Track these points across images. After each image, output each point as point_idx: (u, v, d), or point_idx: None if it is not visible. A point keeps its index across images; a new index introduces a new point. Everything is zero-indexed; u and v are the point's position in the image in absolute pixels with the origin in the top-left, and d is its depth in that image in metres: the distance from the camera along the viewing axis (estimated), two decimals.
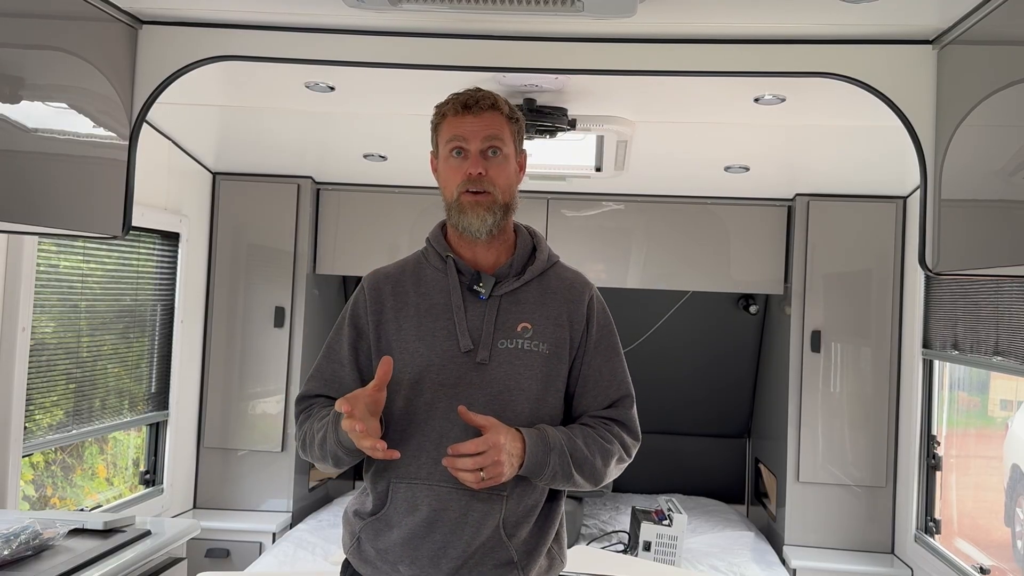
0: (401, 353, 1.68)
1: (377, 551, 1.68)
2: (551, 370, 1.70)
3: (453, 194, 1.69)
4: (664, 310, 4.45)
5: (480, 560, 1.63)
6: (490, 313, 1.70)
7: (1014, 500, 3.61)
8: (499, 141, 1.69)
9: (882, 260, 3.76)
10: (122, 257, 3.36)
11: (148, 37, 2.28)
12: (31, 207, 1.97)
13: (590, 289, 1.80)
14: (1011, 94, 1.82)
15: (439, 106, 1.75)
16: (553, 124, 2.82)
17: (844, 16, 2.05)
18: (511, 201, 1.72)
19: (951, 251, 2.07)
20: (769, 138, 3.26)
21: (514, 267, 1.74)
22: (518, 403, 1.66)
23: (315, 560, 3.44)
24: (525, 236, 1.79)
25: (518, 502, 1.67)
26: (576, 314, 1.75)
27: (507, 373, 1.67)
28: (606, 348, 1.77)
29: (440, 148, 1.73)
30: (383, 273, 1.79)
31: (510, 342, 1.68)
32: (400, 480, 1.67)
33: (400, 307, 1.72)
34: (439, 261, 1.75)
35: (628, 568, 2.92)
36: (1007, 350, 2.78)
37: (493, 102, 1.71)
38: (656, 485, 4.67)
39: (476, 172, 1.66)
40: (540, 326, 1.71)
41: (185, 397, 3.83)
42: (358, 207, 4.08)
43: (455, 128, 1.69)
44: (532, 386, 1.68)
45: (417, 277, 1.76)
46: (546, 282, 1.76)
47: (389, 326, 1.72)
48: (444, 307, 1.71)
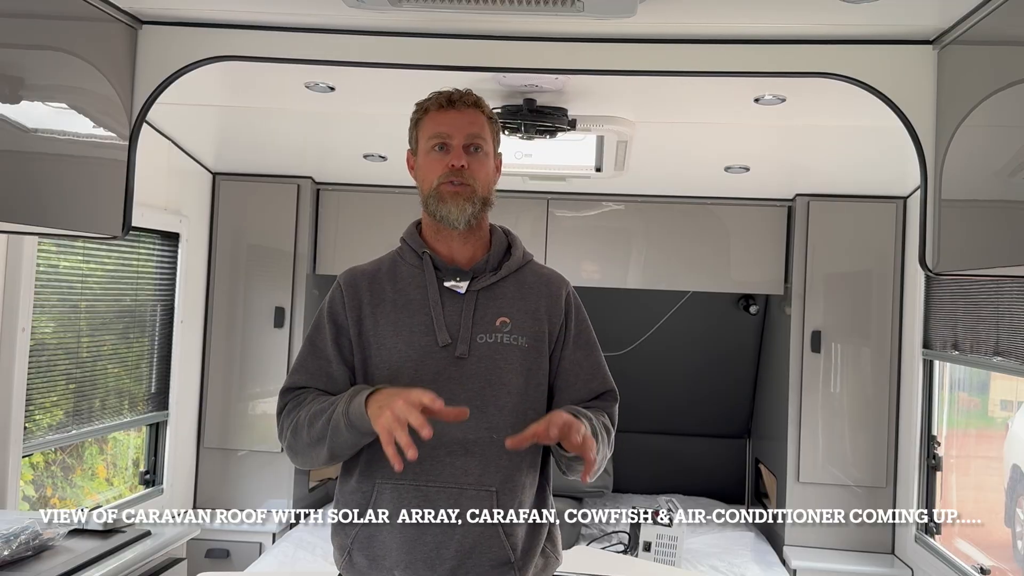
0: (378, 349, 1.68)
1: (369, 559, 1.65)
2: (531, 364, 1.70)
3: (432, 183, 1.70)
4: (664, 310, 4.44)
5: (477, 560, 1.62)
6: (467, 308, 1.70)
7: (1014, 500, 3.61)
8: (480, 139, 1.72)
9: (882, 260, 3.76)
10: (122, 257, 3.36)
11: (148, 37, 2.28)
12: (31, 207, 1.97)
13: (567, 285, 1.81)
14: (1011, 94, 1.81)
15: (420, 103, 1.77)
16: (553, 124, 2.81)
17: (844, 16, 2.05)
18: (489, 196, 1.74)
19: (951, 251, 2.07)
20: (769, 138, 3.26)
21: (490, 262, 1.75)
22: (501, 398, 1.66)
23: (315, 560, 3.44)
24: (500, 234, 1.81)
25: (510, 497, 1.65)
26: (554, 308, 1.75)
27: (488, 368, 1.66)
28: (586, 343, 1.78)
29: (420, 144, 1.75)
30: (359, 270, 1.79)
31: (489, 336, 1.68)
32: (386, 481, 1.64)
33: (377, 303, 1.72)
34: (415, 258, 1.75)
35: (628, 568, 2.92)
36: (1007, 350, 2.78)
37: (475, 100, 1.74)
38: (656, 485, 4.67)
39: (459, 164, 1.68)
40: (518, 320, 1.71)
41: (185, 397, 3.83)
42: (358, 207, 4.08)
43: (438, 124, 1.71)
44: (514, 380, 1.68)
45: (393, 274, 1.75)
46: (522, 277, 1.77)
47: (367, 322, 1.71)
48: (421, 302, 1.70)
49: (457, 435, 1.62)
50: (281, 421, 1.71)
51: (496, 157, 1.79)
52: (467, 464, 1.63)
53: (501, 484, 1.65)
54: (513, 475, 1.66)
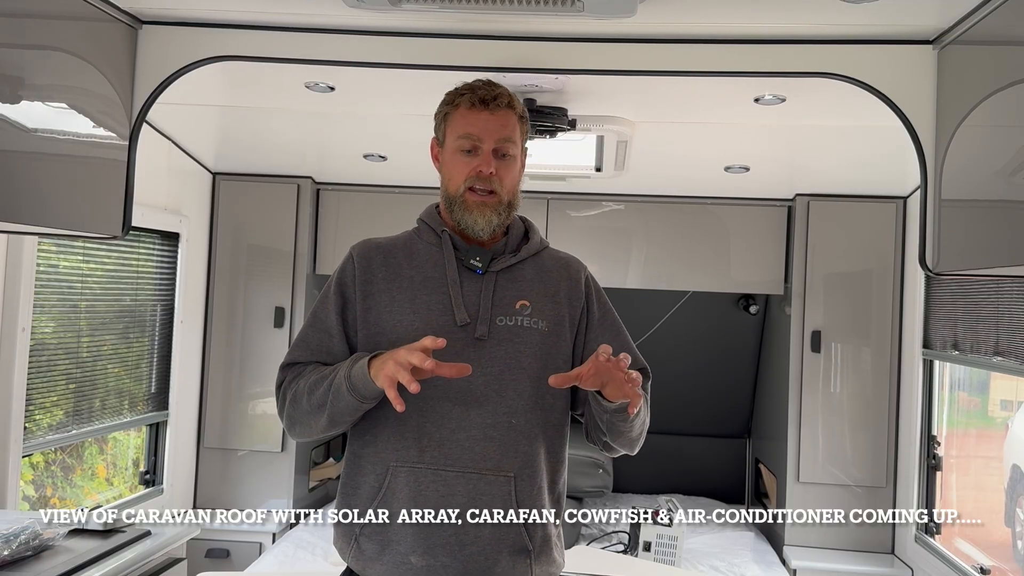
0: (395, 326, 1.64)
1: (381, 545, 1.62)
2: (550, 348, 1.68)
3: (459, 188, 1.67)
4: (664, 310, 4.44)
5: (496, 547, 1.60)
6: (487, 288, 1.67)
7: (1014, 500, 3.61)
8: (511, 144, 1.69)
9: (882, 260, 3.76)
10: (122, 257, 3.36)
11: (148, 37, 2.28)
12: (31, 207, 1.97)
13: (584, 268, 1.80)
14: (1011, 94, 1.81)
15: (451, 94, 1.72)
16: (553, 124, 2.81)
17: (844, 16, 2.05)
18: (514, 199, 1.72)
19: (951, 251, 2.07)
20: (769, 138, 3.26)
21: (509, 245, 1.73)
22: (520, 382, 1.64)
23: (315, 560, 3.44)
24: (517, 220, 1.78)
25: (529, 483, 1.64)
26: (574, 292, 1.74)
27: (507, 351, 1.64)
28: (611, 324, 1.77)
29: (448, 140, 1.71)
30: (373, 243, 1.75)
31: (509, 319, 1.66)
32: (401, 465, 1.61)
33: (392, 278, 1.68)
34: (433, 236, 1.72)
35: (628, 568, 2.92)
36: (1007, 350, 2.78)
37: (509, 100, 1.70)
38: (656, 485, 4.67)
39: (488, 171, 1.65)
40: (538, 303, 1.69)
41: (185, 397, 3.83)
42: (358, 207, 4.08)
43: (469, 124, 1.67)
44: (532, 364, 1.65)
45: (409, 251, 1.72)
46: (541, 261, 1.76)
47: (381, 297, 1.67)
48: (439, 281, 1.67)
49: (476, 419, 1.61)
50: (281, 393, 1.68)
51: (523, 154, 1.76)
52: (486, 449, 1.61)
53: (519, 470, 1.63)
54: (532, 461, 1.64)
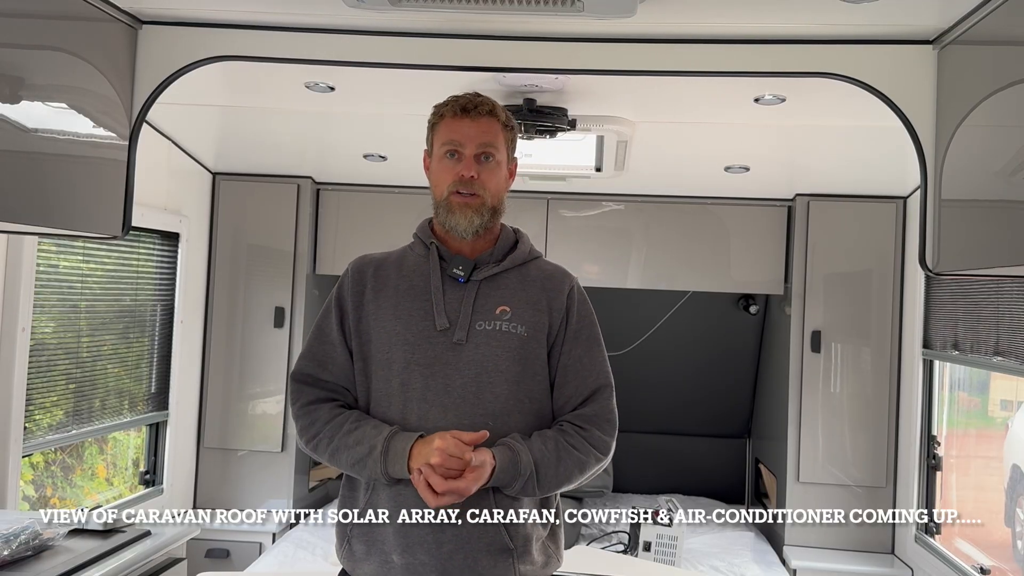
0: (379, 332, 1.72)
1: (367, 546, 1.68)
2: (529, 352, 1.71)
3: (443, 192, 1.74)
4: (664, 310, 4.44)
5: (475, 546, 1.63)
6: (468, 296, 1.72)
7: (1014, 500, 3.61)
8: (493, 148, 1.74)
9: (882, 260, 3.76)
10: (122, 257, 3.36)
11: (148, 37, 2.28)
12: (31, 207, 1.97)
13: (571, 280, 1.82)
14: (1011, 94, 1.81)
15: (438, 107, 1.78)
16: (553, 124, 2.81)
17: (844, 16, 2.05)
18: (499, 205, 1.77)
19: (951, 251, 2.07)
20: (769, 138, 3.26)
21: (495, 254, 1.77)
22: (496, 384, 1.67)
23: (315, 560, 3.44)
24: (508, 231, 1.83)
25: None
26: (556, 302, 1.76)
27: (484, 354, 1.68)
28: (587, 339, 1.77)
29: (435, 148, 1.77)
30: (368, 258, 1.84)
31: (488, 324, 1.70)
32: None
33: (380, 288, 1.76)
34: (423, 248, 1.80)
35: (628, 568, 2.92)
36: (1007, 350, 2.78)
37: (491, 108, 1.75)
38: (656, 485, 4.67)
39: (469, 175, 1.71)
40: (518, 310, 1.72)
41: (185, 397, 3.83)
42: (358, 207, 4.09)
43: (452, 131, 1.73)
44: (510, 367, 1.69)
45: (400, 264, 1.80)
46: (526, 271, 1.79)
47: (369, 307, 1.75)
48: (423, 289, 1.74)
49: (453, 421, 1.64)
50: (303, 423, 1.74)
51: (511, 162, 1.81)
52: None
53: None
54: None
